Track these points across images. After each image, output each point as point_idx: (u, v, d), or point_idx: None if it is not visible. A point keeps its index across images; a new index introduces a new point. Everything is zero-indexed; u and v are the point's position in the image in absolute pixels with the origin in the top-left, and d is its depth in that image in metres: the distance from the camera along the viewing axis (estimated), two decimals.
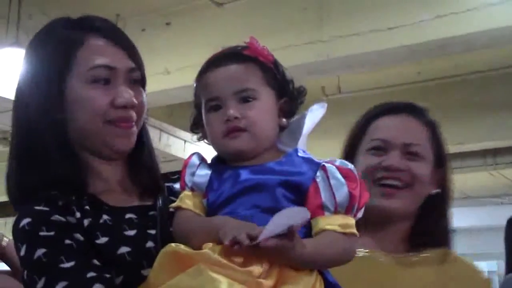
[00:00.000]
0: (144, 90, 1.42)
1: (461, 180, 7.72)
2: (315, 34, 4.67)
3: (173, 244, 1.20)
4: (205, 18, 5.20)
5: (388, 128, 1.66)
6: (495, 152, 7.50)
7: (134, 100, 1.35)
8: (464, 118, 6.34)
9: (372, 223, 1.53)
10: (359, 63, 4.99)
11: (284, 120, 1.33)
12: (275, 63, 1.33)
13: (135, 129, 1.38)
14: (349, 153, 1.71)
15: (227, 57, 1.31)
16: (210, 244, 1.17)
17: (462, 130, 6.41)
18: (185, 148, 6.32)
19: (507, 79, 6.11)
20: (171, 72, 5.11)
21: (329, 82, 6.78)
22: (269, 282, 1.12)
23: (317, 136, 6.38)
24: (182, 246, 1.19)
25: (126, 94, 1.34)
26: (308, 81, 5.29)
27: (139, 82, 1.40)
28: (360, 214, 1.25)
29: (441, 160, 1.67)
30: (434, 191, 1.64)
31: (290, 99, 1.34)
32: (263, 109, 1.28)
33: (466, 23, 4.33)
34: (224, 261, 1.12)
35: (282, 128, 1.34)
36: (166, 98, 5.20)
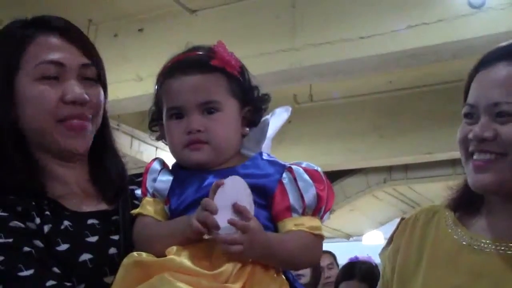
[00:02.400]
0: (105, 89, 1.37)
1: (431, 188, 7.79)
2: (288, 42, 4.63)
3: (135, 253, 1.17)
4: (178, 25, 5.14)
5: (478, 87, 1.29)
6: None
7: (85, 96, 1.29)
8: (434, 127, 6.27)
9: (489, 203, 1.31)
10: (331, 71, 4.97)
11: (247, 129, 1.32)
12: (242, 71, 1.31)
13: (90, 128, 1.32)
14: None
15: (193, 65, 1.28)
16: (175, 248, 1.15)
17: (431, 139, 6.36)
18: (156, 154, 6.22)
19: None
20: (143, 78, 5.03)
21: (301, 90, 6.73)
22: (236, 286, 1.10)
23: (290, 143, 6.40)
24: (144, 255, 1.16)
25: (76, 89, 1.28)
26: (280, 89, 5.40)
27: (96, 80, 1.35)
28: (326, 217, 1.23)
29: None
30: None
31: (254, 108, 1.32)
32: (226, 121, 1.26)
33: (436, 33, 4.33)
34: (190, 265, 1.10)
35: (244, 135, 1.33)
36: (138, 104, 5.12)
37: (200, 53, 1.30)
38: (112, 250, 1.27)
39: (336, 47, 4.53)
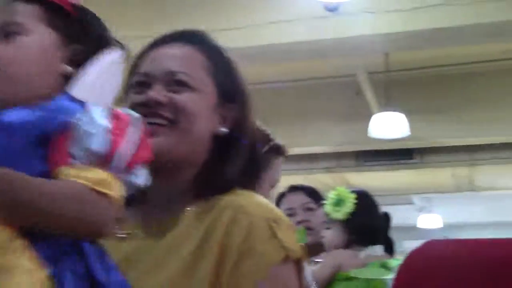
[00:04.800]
0: None
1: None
2: (151, 29, 4.61)
3: None
4: None
5: (152, 60, 1.19)
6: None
7: None
8: (292, 121, 6.03)
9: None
10: None
11: (68, 67, 1.02)
12: (80, 11, 1.06)
13: None
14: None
15: None
16: None
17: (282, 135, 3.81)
18: None
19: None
20: None
21: None
22: None
23: None
24: None
25: None
26: None
27: None
28: (137, 178, 0.97)
29: (230, 95, 1.19)
30: (221, 130, 1.17)
31: (84, 48, 1.04)
32: (30, 48, 1.01)
33: (292, 32, 4.65)
34: None
35: (67, 77, 1.02)
36: None
37: None
38: None
39: None
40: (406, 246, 3.97)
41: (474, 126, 6.26)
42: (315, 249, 2.65)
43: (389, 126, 5.42)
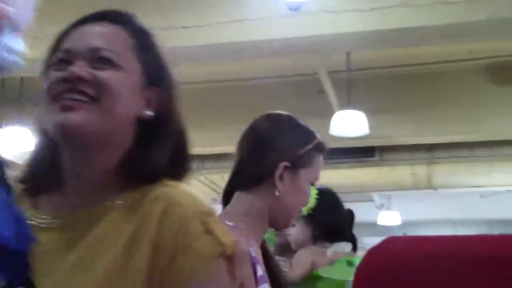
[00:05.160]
0: None
1: None
2: None
3: None
4: None
5: (75, 37, 1.12)
6: None
7: None
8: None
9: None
10: None
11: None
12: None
13: None
14: None
15: None
16: None
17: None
18: None
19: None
20: None
21: None
22: None
23: None
24: None
25: None
26: None
27: None
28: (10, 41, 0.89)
29: (155, 77, 1.13)
30: (146, 113, 1.10)
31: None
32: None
33: (257, 30, 4.69)
34: None
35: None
36: None
37: None
38: None
39: (158, 34, 4.61)
40: (366, 242, 4.02)
41: (432, 125, 6.37)
42: (284, 249, 2.66)
43: (349, 124, 5.47)
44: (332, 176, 7.64)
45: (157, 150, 1.08)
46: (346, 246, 2.63)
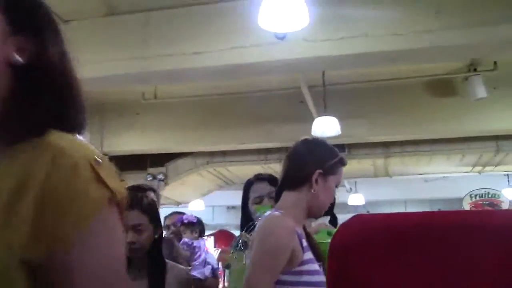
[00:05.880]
0: None
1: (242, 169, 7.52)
2: (141, 52, 4.63)
3: None
4: None
5: None
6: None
7: None
8: (248, 124, 6.39)
9: None
10: (171, 77, 4.86)
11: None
12: None
13: None
14: None
15: None
16: None
17: (245, 133, 6.48)
18: None
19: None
20: None
21: (148, 90, 6.53)
22: None
23: (137, 132, 8.27)
24: None
25: None
26: (133, 88, 6.40)
27: None
28: None
29: (25, 24, 0.83)
30: (16, 59, 0.81)
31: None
32: None
33: (251, 55, 4.64)
34: None
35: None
36: None
37: None
38: None
39: (176, 58, 4.66)
40: (339, 218, 4.04)
41: (388, 128, 6.41)
42: None
43: (326, 127, 5.56)
44: None
45: (35, 101, 0.82)
46: (326, 219, 2.67)
